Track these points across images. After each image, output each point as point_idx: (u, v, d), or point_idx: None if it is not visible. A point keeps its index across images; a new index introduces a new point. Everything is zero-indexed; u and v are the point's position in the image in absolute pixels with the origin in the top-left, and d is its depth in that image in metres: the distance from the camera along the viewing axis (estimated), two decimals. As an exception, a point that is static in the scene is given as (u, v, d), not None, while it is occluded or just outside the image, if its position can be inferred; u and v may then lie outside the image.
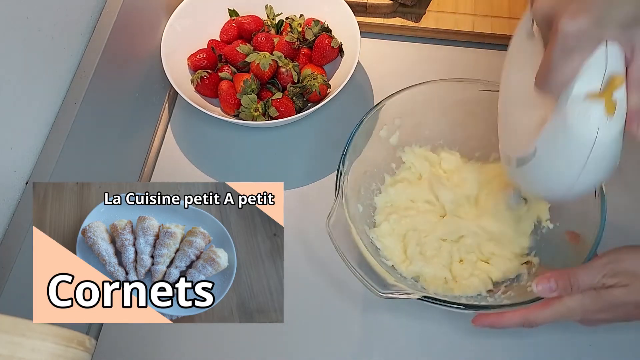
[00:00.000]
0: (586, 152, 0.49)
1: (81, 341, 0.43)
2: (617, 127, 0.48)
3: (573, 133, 0.49)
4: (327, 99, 0.77)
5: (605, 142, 0.48)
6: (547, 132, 0.51)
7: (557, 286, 0.56)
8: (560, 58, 0.47)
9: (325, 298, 0.70)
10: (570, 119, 0.48)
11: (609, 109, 0.47)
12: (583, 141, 0.49)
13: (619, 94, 0.47)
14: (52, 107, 0.66)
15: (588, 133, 0.48)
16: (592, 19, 0.45)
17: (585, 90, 0.47)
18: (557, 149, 0.51)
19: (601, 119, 0.47)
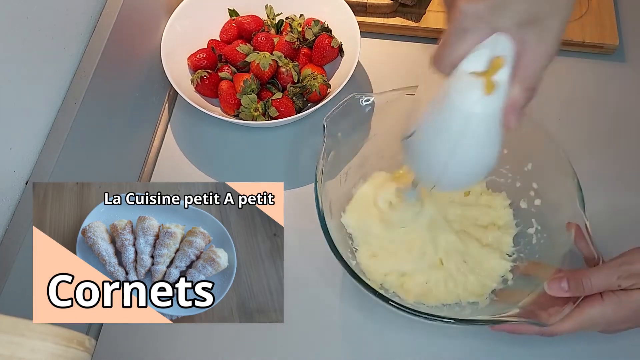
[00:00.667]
0: (461, 125, 0.50)
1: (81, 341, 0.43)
2: (492, 108, 0.49)
3: (450, 106, 0.50)
4: (327, 99, 0.77)
5: (480, 118, 0.50)
6: (429, 106, 0.53)
7: (569, 287, 0.56)
8: (455, 37, 0.49)
9: (325, 298, 0.70)
10: (450, 93, 0.50)
11: (487, 88, 0.48)
12: (458, 114, 0.50)
13: (501, 81, 0.49)
14: (52, 107, 0.66)
15: (463, 106, 0.49)
16: (490, 6, 0.46)
17: (471, 69, 0.49)
18: (435, 123, 0.52)
19: (478, 96, 0.49)
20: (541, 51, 0.48)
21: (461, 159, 0.53)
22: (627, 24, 0.87)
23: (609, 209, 0.74)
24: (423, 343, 0.67)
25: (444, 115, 0.51)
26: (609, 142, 0.79)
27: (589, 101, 0.83)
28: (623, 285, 0.55)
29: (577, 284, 0.56)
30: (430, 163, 0.55)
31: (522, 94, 0.49)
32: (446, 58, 0.50)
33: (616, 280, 0.55)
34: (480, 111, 0.49)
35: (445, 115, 0.51)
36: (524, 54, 0.48)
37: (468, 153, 0.53)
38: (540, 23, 0.47)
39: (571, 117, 0.81)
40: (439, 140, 0.53)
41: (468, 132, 0.51)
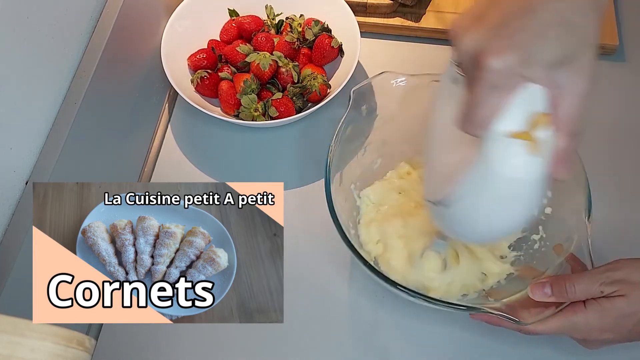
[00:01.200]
0: (505, 191, 0.48)
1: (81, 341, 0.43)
2: (539, 168, 0.47)
3: (494, 172, 0.48)
4: (327, 99, 0.77)
5: (527, 182, 0.48)
6: (469, 173, 0.50)
7: (552, 291, 0.56)
8: (485, 95, 0.45)
9: (325, 298, 0.70)
10: (492, 158, 0.47)
11: (532, 148, 0.46)
12: (504, 180, 0.48)
13: (543, 135, 0.46)
14: (52, 107, 0.66)
15: (509, 172, 0.47)
16: (519, 57, 0.43)
17: (509, 129, 0.46)
18: (478, 189, 0.50)
19: (523, 158, 0.46)
20: (578, 91, 0.45)
21: (504, 218, 0.51)
22: (627, 24, 0.87)
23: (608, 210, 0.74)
24: (423, 343, 0.67)
25: (487, 182, 0.49)
26: (609, 142, 0.79)
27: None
28: (605, 292, 0.54)
29: (560, 289, 0.55)
30: (474, 229, 0.54)
31: (568, 140, 0.46)
32: (477, 117, 0.46)
33: (599, 287, 0.54)
34: (528, 175, 0.47)
35: (489, 181, 0.49)
36: (561, 99, 0.45)
37: (515, 216, 0.51)
38: (572, 62, 0.44)
39: (571, 117, 0.81)
40: (481, 207, 0.51)
41: (514, 195, 0.49)
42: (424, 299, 0.57)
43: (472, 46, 0.45)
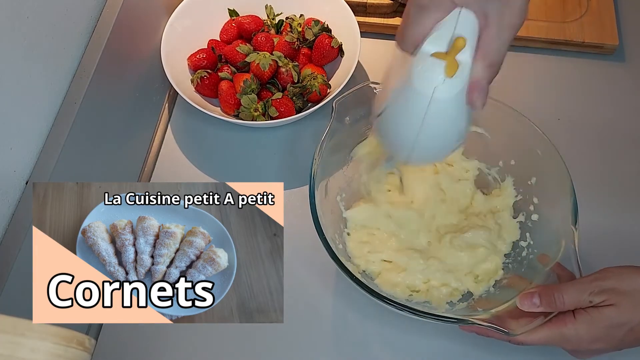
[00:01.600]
0: (423, 108, 0.50)
1: (81, 341, 0.43)
2: (454, 90, 0.49)
3: (413, 89, 0.50)
4: (327, 99, 0.77)
5: (442, 101, 0.49)
6: (395, 88, 0.52)
7: (540, 302, 0.55)
8: (415, 15, 0.48)
9: (326, 298, 0.70)
10: (413, 75, 0.50)
11: (449, 70, 0.47)
12: (421, 97, 0.50)
13: (464, 60, 0.48)
14: (52, 107, 0.66)
15: (425, 89, 0.49)
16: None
17: (433, 49, 0.48)
18: (401, 104, 0.52)
19: (440, 78, 0.48)
20: (504, 24, 0.47)
21: (429, 136, 0.53)
22: (627, 24, 0.87)
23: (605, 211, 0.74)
24: (421, 343, 0.67)
25: (408, 98, 0.51)
26: (609, 142, 0.79)
27: (589, 101, 0.83)
28: (595, 301, 0.54)
29: (548, 300, 0.55)
30: (399, 141, 0.55)
31: (485, 71, 0.48)
32: (408, 37, 0.49)
33: (588, 297, 0.54)
34: (443, 95, 0.49)
35: (409, 97, 0.51)
36: (486, 28, 0.47)
37: (435, 131, 0.52)
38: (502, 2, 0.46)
39: (571, 117, 0.81)
40: (405, 121, 0.53)
41: (432, 114, 0.50)
42: (413, 312, 0.57)
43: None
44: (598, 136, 0.80)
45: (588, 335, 0.55)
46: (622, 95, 0.83)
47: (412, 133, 0.53)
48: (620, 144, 0.79)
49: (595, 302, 0.54)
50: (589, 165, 0.77)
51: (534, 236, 0.67)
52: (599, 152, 0.78)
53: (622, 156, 0.78)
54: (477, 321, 0.56)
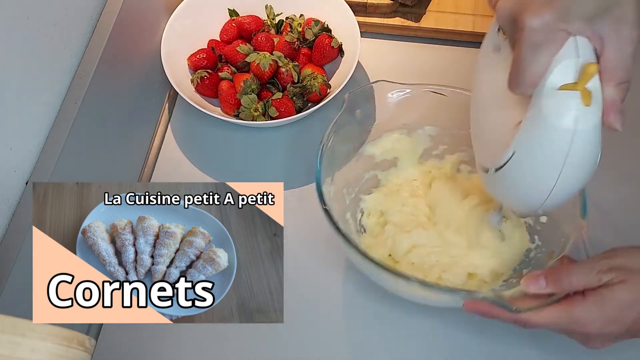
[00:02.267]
0: (566, 145, 0.47)
1: (81, 341, 0.43)
2: (594, 118, 0.47)
3: (551, 126, 0.47)
4: (327, 99, 0.77)
5: (585, 133, 0.47)
6: (524, 131, 0.50)
7: (547, 283, 0.53)
8: (529, 55, 0.47)
9: (325, 298, 0.70)
10: (546, 113, 0.47)
11: (585, 99, 0.46)
12: (562, 133, 0.47)
13: (593, 86, 0.46)
14: (52, 107, 0.66)
15: (566, 124, 0.47)
16: (556, 13, 0.45)
17: (559, 83, 0.47)
18: (535, 146, 0.49)
19: (578, 109, 0.46)
20: (622, 39, 0.46)
21: (569, 175, 0.50)
22: (627, 24, 0.87)
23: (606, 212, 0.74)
24: (423, 340, 0.67)
25: (544, 138, 0.48)
26: (609, 142, 0.79)
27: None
28: (603, 279, 0.52)
29: (555, 280, 0.53)
30: (533, 190, 0.52)
31: (617, 90, 0.47)
32: (526, 77, 0.47)
33: (596, 275, 0.52)
34: (584, 126, 0.47)
35: (546, 137, 0.48)
36: (605, 49, 0.46)
37: (576, 168, 0.50)
38: (611, 11, 0.45)
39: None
40: (542, 165, 0.50)
41: (574, 150, 0.48)
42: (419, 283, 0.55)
43: (510, 9, 0.47)
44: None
45: (599, 316, 0.52)
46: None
47: (552, 177, 0.50)
48: (622, 143, 0.79)
49: (604, 280, 0.52)
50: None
51: (542, 237, 0.66)
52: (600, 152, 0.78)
53: (622, 156, 0.78)
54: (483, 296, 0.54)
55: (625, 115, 0.49)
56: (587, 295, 0.53)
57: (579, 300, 0.53)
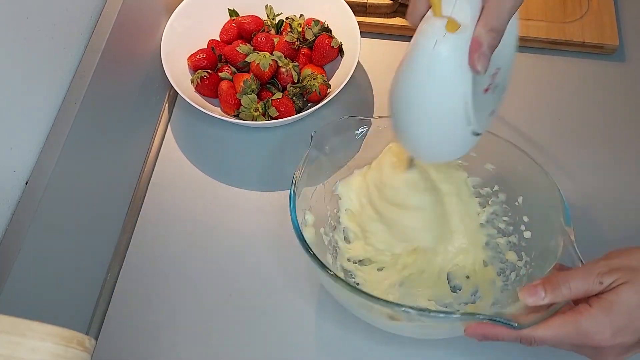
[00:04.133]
0: (427, 66, 0.50)
1: (81, 341, 0.43)
2: (455, 45, 0.49)
3: (417, 45, 0.50)
4: (327, 99, 0.77)
5: (444, 56, 0.49)
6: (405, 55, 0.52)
7: (545, 292, 0.51)
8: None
9: (328, 296, 0.70)
10: (417, 34, 0.51)
11: (450, 27, 0.49)
12: (423, 52, 0.50)
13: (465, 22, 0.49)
14: (52, 107, 0.66)
15: (427, 43, 0.49)
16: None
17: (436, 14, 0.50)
18: (408, 67, 0.52)
19: (440, 33, 0.49)
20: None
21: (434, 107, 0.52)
22: (627, 24, 0.87)
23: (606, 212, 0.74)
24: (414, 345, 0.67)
25: (412, 56, 0.51)
26: (609, 142, 0.79)
27: (589, 101, 0.83)
28: (605, 282, 0.50)
29: (553, 289, 0.51)
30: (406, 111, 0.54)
31: (486, 35, 0.49)
32: (416, 9, 0.51)
33: (596, 278, 0.50)
34: (444, 49, 0.49)
35: (414, 55, 0.51)
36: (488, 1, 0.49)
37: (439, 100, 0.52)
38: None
39: (571, 117, 0.81)
40: (411, 83, 0.52)
41: (435, 72, 0.50)
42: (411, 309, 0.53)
43: None
44: (598, 136, 0.80)
45: (608, 324, 0.49)
46: (622, 95, 0.83)
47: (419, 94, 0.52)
48: (622, 144, 0.79)
49: (606, 283, 0.50)
50: (589, 166, 0.77)
51: (530, 252, 0.64)
52: (599, 153, 0.78)
53: (622, 156, 0.78)
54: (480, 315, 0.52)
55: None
56: (592, 303, 0.50)
57: (585, 309, 0.50)
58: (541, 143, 0.79)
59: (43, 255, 0.63)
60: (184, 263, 0.73)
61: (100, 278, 0.72)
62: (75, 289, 0.69)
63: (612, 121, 0.81)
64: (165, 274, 0.72)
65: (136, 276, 0.72)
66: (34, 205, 0.61)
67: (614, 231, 0.72)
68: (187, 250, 0.74)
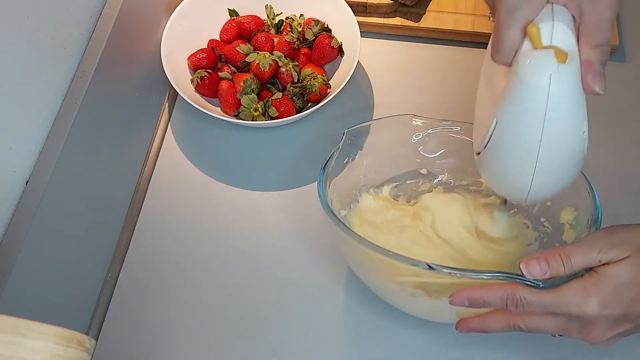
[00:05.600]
0: (542, 105, 0.46)
1: (81, 341, 0.43)
2: (569, 77, 0.46)
3: (526, 86, 0.46)
4: (327, 99, 0.77)
5: (560, 91, 0.46)
6: (504, 97, 0.49)
7: (548, 266, 0.50)
8: (506, 19, 0.47)
9: (328, 299, 0.70)
10: (522, 73, 0.46)
11: (559, 57, 0.45)
12: (537, 92, 0.46)
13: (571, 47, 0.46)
14: (52, 107, 0.66)
15: (540, 82, 0.46)
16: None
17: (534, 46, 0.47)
18: (514, 111, 0.48)
19: (552, 66, 0.45)
20: (599, 4, 0.46)
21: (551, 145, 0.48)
22: (627, 24, 0.87)
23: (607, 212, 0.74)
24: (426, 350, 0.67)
25: (521, 99, 0.47)
26: (609, 142, 0.79)
27: (589, 101, 0.82)
28: (604, 259, 0.50)
29: (557, 263, 0.50)
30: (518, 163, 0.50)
31: (594, 52, 0.46)
32: (505, 43, 0.47)
33: (597, 255, 0.50)
34: (559, 84, 0.45)
35: (522, 98, 0.46)
36: (583, 15, 0.46)
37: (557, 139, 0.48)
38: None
39: (571, 117, 0.81)
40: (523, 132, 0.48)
41: (552, 111, 0.46)
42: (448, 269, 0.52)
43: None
44: (598, 136, 0.79)
45: (596, 294, 0.50)
46: (623, 96, 0.83)
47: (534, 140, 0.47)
48: (622, 144, 0.79)
49: (604, 259, 0.50)
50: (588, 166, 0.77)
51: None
52: (599, 153, 0.78)
53: (622, 156, 0.78)
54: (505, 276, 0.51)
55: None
56: (584, 275, 0.51)
57: (576, 279, 0.51)
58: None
59: (43, 256, 0.63)
60: (184, 263, 0.73)
61: (100, 278, 0.72)
62: (75, 289, 0.69)
63: (612, 121, 0.81)
64: (165, 274, 0.72)
65: (136, 276, 0.72)
66: (34, 205, 0.61)
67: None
68: (187, 250, 0.74)
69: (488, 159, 0.53)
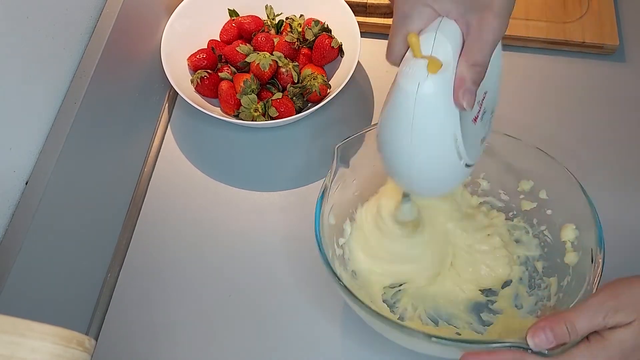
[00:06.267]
0: (410, 108, 0.48)
1: (81, 341, 0.43)
2: (438, 87, 0.48)
3: (399, 89, 0.49)
4: (327, 99, 0.77)
5: (427, 98, 0.48)
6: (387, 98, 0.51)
7: (553, 336, 0.50)
8: (398, 24, 0.49)
9: (330, 301, 0.70)
10: (398, 77, 0.49)
11: (431, 67, 0.47)
12: (406, 95, 0.48)
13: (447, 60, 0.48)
14: (52, 107, 0.66)
15: (409, 86, 0.48)
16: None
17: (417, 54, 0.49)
18: (391, 111, 0.51)
19: (422, 75, 0.47)
20: (485, 25, 0.47)
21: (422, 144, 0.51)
22: (627, 24, 0.87)
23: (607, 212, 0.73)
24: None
25: (395, 100, 0.50)
26: (610, 142, 0.79)
27: (589, 101, 0.83)
28: (609, 324, 0.50)
29: (561, 331, 0.50)
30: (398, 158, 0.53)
31: (469, 70, 0.48)
32: (394, 49, 0.50)
33: (602, 321, 0.50)
34: (427, 90, 0.48)
35: (396, 100, 0.50)
36: (469, 32, 0.48)
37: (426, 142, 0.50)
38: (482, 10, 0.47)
39: (571, 118, 0.81)
40: (397, 128, 0.51)
41: (418, 118, 0.49)
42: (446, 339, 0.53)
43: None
44: (599, 136, 0.80)
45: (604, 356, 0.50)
46: (623, 96, 0.83)
47: (405, 142, 0.50)
48: (622, 144, 0.79)
49: (610, 324, 0.50)
50: (589, 166, 0.77)
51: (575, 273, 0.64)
52: (599, 153, 0.78)
53: (623, 156, 0.78)
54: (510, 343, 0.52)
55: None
56: (591, 338, 0.51)
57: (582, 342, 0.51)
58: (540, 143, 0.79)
59: (43, 255, 0.63)
60: (183, 263, 0.73)
61: (100, 278, 0.72)
62: (75, 289, 0.69)
63: (612, 121, 0.81)
64: (165, 274, 0.72)
65: (136, 276, 0.72)
66: (34, 205, 0.61)
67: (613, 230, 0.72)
68: (187, 250, 0.74)
69: (381, 156, 0.56)
